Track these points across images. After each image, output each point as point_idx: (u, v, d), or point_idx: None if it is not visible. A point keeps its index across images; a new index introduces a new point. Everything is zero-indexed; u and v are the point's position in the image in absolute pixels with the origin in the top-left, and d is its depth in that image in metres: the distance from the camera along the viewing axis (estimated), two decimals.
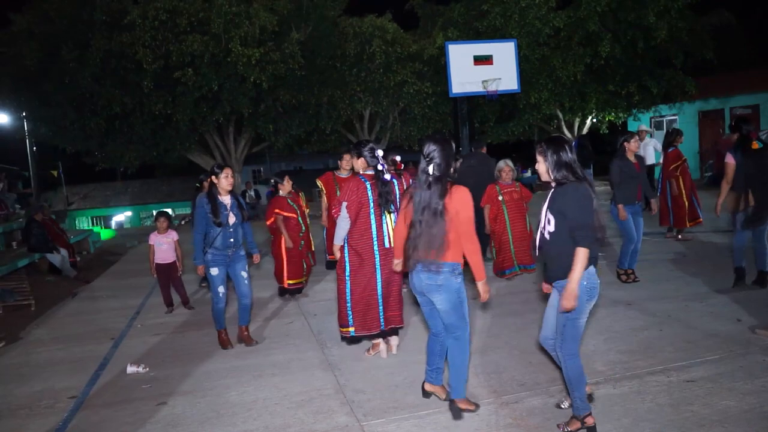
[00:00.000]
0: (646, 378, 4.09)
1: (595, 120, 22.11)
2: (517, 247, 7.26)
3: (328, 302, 6.87)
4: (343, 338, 5.06)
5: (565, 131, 22.36)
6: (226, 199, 5.33)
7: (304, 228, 7.11)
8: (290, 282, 7.10)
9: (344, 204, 4.67)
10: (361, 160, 4.83)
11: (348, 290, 4.85)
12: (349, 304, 4.86)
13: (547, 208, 3.35)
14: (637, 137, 6.55)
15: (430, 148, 3.50)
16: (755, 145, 5.76)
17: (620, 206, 6.46)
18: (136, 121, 16.66)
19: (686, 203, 8.78)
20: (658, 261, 7.68)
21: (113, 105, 15.92)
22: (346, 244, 4.81)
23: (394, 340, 5.04)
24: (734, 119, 7.01)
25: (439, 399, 3.94)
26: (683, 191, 8.76)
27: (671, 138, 8.91)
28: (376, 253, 4.77)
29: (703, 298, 5.96)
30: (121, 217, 36.03)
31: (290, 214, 6.95)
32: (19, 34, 15.90)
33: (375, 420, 3.76)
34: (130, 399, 4.44)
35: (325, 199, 7.76)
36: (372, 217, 4.73)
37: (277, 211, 6.90)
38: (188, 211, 20.64)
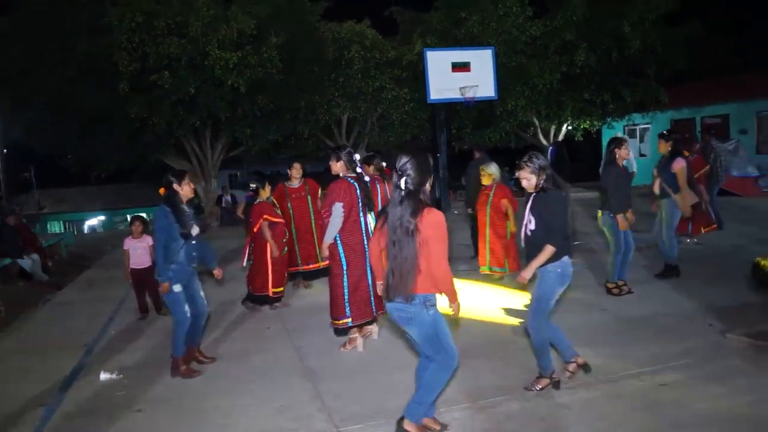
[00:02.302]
0: (620, 382, 4.16)
1: (570, 127, 22.37)
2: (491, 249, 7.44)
3: (303, 309, 6.84)
4: (337, 330, 5.31)
5: (541, 138, 22.58)
6: (186, 209, 4.91)
7: (287, 234, 7.07)
8: (275, 291, 6.89)
9: (339, 204, 4.97)
10: (341, 163, 5.17)
11: (345, 283, 5.13)
12: (346, 297, 5.14)
13: (529, 209, 4.00)
14: (627, 144, 6.59)
15: (404, 162, 3.25)
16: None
17: (620, 216, 6.24)
18: (113, 125, 16.43)
19: (704, 210, 8.91)
20: (634, 267, 7.78)
21: (90, 108, 15.69)
22: (339, 242, 5.06)
23: (374, 327, 5.40)
24: (667, 131, 7.36)
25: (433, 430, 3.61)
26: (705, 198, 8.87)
27: (688, 146, 9.03)
28: (365, 246, 5.07)
29: (677, 303, 6.07)
30: (95, 221, 35.46)
31: (278, 220, 6.85)
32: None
33: (352, 426, 3.77)
34: (104, 407, 4.38)
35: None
36: (360, 214, 5.13)
37: (266, 216, 6.72)
38: None
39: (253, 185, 6.91)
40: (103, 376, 4.97)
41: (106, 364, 5.29)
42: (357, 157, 5.39)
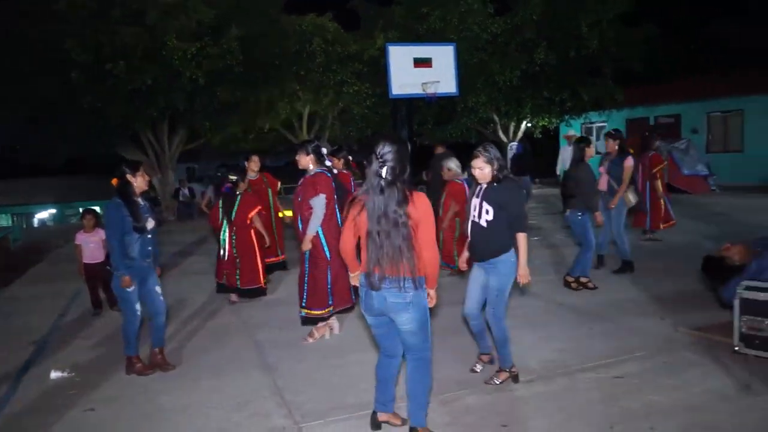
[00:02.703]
0: (577, 375, 4.23)
1: (529, 125, 22.70)
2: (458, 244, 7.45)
3: (261, 303, 6.74)
4: (311, 320, 5.36)
5: (501, 135, 22.86)
6: (141, 201, 4.69)
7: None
8: (265, 281, 6.88)
9: (323, 196, 5.12)
10: (311, 157, 5.26)
11: (329, 273, 5.25)
12: (329, 286, 5.28)
13: (483, 200, 4.01)
14: (593, 143, 6.78)
15: (384, 149, 3.08)
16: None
17: (598, 213, 6.37)
18: (65, 116, 15.90)
19: (663, 206, 9.17)
20: None
21: (40, 98, 15.14)
22: (321, 233, 5.19)
23: (335, 322, 5.51)
24: (614, 130, 7.66)
25: (394, 426, 3.55)
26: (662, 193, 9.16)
27: (647, 142, 9.31)
28: None
29: (631, 297, 6.22)
30: (45, 214, 34.33)
31: (265, 212, 6.80)
32: None
33: (313, 422, 3.73)
34: (55, 406, 4.22)
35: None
36: (336, 207, 5.28)
37: (259, 207, 6.69)
38: None
39: (233, 177, 6.74)
40: (54, 374, 4.81)
41: (57, 361, 5.11)
42: (325, 150, 5.48)
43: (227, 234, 6.68)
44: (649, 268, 7.47)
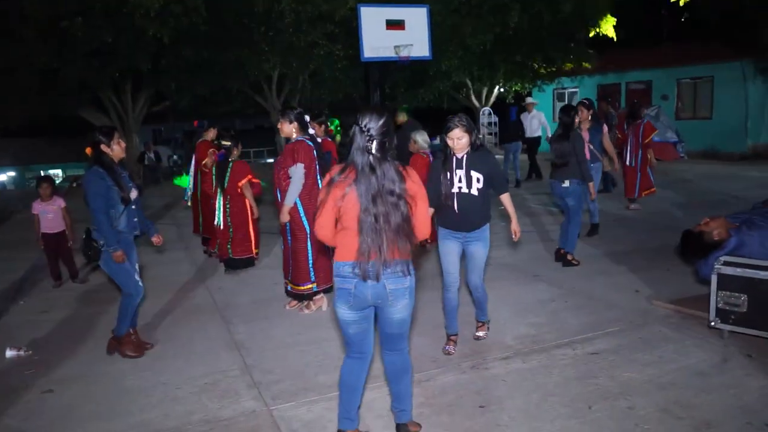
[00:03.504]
0: (553, 351, 4.17)
1: (502, 90, 22.54)
2: None
3: (231, 280, 6.56)
4: (299, 296, 5.25)
5: (474, 100, 22.69)
6: (121, 170, 4.39)
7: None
8: (257, 251, 6.71)
9: (301, 165, 4.91)
10: (294, 124, 5.05)
11: (309, 247, 5.08)
12: (311, 261, 5.11)
13: (470, 169, 3.99)
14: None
15: (370, 122, 2.75)
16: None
17: (591, 184, 6.26)
18: (19, 76, 15.14)
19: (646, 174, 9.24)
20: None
21: None
22: (299, 205, 5.01)
23: (324, 299, 5.34)
24: (587, 99, 7.59)
25: None
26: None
27: (636, 110, 9.29)
28: None
29: (606, 269, 6.19)
30: (3, 177, 33.19)
31: (256, 180, 6.54)
32: None
33: (284, 404, 3.60)
34: (10, 387, 4.01)
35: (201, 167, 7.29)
36: (318, 177, 5.06)
37: (251, 177, 6.44)
38: (82, 172, 19.25)
39: (226, 142, 6.45)
40: (9, 353, 4.56)
41: (14, 339, 4.86)
42: (308, 118, 5.27)
43: (221, 202, 6.48)
44: (622, 238, 7.48)
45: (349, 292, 2.80)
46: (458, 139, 3.97)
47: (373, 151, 2.74)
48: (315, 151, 5.07)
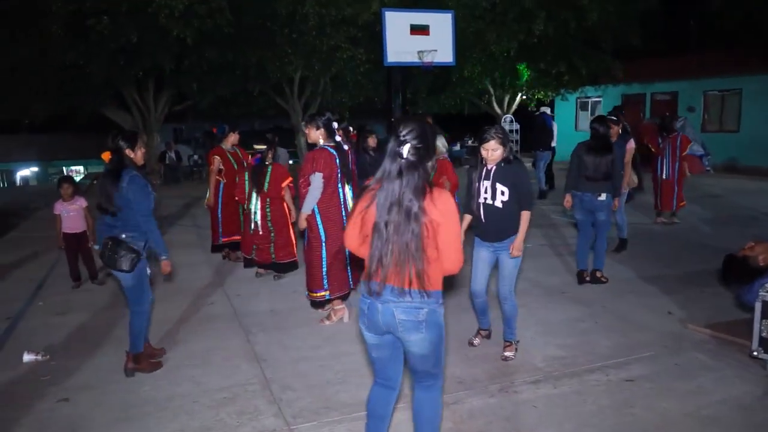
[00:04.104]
0: (585, 376, 4.00)
1: (525, 97, 22.31)
2: None
3: (252, 281, 6.47)
4: (314, 303, 5.23)
5: (495, 107, 22.47)
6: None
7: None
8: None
9: (319, 174, 4.83)
10: (321, 131, 4.99)
11: (324, 255, 5.00)
12: (324, 269, 5.03)
13: (496, 181, 4.05)
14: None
15: (408, 129, 2.56)
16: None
17: (617, 199, 6.19)
18: (43, 71, 15.24)
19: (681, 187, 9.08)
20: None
21: (17, 52, 14.45)
22: (317, 212, 4.93)
23: (346, 311, 5.24)
24: (614, 115, 7.26)
25: None
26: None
27: (668, 124, 9.11)
28: (344, 217, 4.98)
29: (635, 288, 5.99)
30: (27, 172, 33.54)
31: (292, 185, 6.43)
32: None
33: (305, 423, 3.46)
34: (25, 395, 3.92)
35: (216, 176, 7.13)
36: (339, 185, 5.00)
37: (290, 179, 6.33)
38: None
39: (260, 147, 6.38)
40: (27, 357, 4.48)
41: (31, 342, 4.79)
42: (336, 125, 5.20)
43: (259, 206, 6.36)
44: (650, 254, 7.27)
45: (363, 312, 2.67)
46: (492, 151, 4.02)
47: (405, 154, 2.52)
48: (338, 159, 4.97)
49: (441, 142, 7.31)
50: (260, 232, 6.40)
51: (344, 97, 20.21)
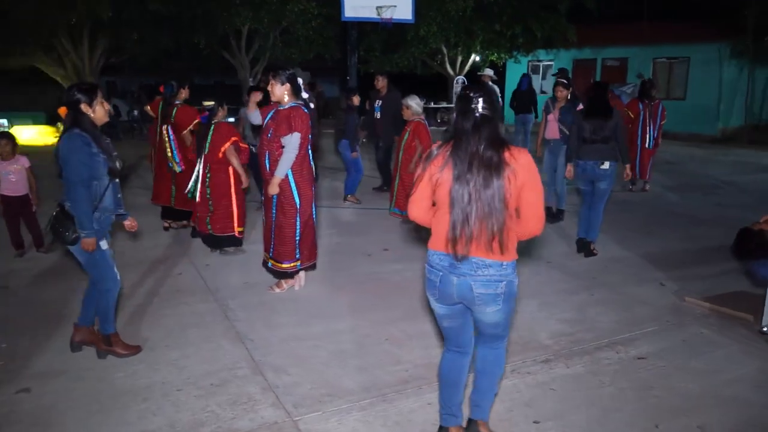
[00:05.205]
0: (595, 354, 3.82)
1: (477, 58, 22.04)
2: None
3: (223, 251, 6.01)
4: (282, 273, 4.82)
5: (448, 67, 22.14)
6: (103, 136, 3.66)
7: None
8: (240, 230, 5.91)
9: (297, 135, 4.45)
10: (286, 87, 4.50)
11: (297, 222, 4.67)
12: (297, 238, 4.71)
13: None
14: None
15: (475, 88, 2.51)
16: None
17: (628, 166, 6.03)
18: None
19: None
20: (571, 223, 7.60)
21: None
22: (291, 177, 4.55)
23: (302, 274, 5.00)
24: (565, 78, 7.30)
25: None
26: None
27: (648, 90, 9.01)
28: (313, 183, 4.76)
29: (621, 258, 5.88)
30: None
31: (243, 145, 5.82)
32: None
33: (310, 413, 3.13)
34: None
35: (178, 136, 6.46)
36: (309, 148, 4.65)
37: (234, 139, 5.65)
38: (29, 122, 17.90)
39: (209, 103, 5.70)
40: None
41: None
42: (301, 81, 4.69)
43: (201, 171, 5.77)
44: (629, 224, 7.22)
45: (434, 285, 2.58)
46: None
47: (480, 108, 2.43)
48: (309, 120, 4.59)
49: (415, 102, 7.00)
50: (197, 200, 5.83)
51: (294, 52, 19.38)
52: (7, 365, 3.65)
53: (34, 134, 16.67)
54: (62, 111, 3.62)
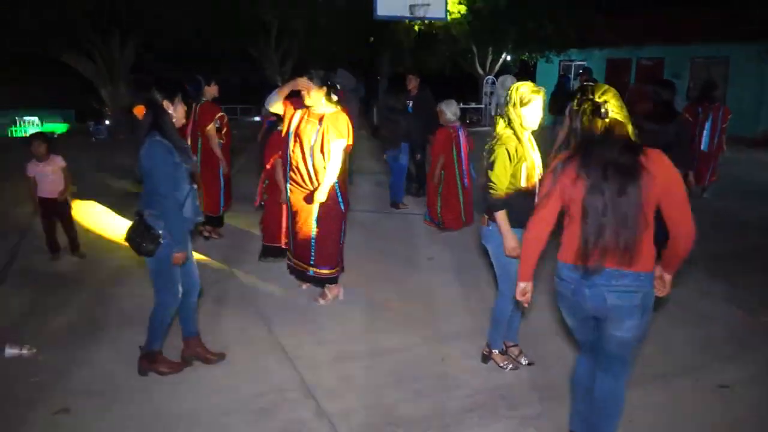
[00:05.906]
0: (674, 382, 3.50)
1: (508, 58, 21.65)
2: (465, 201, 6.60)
3: (252, 254, 5.72)
4: (327, 280, 4.61)
5: (478, 68, 21.75)
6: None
7: None
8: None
9: (343, 141, 4.30)
10: (323, 90, 4.28)
11: (343, 229, 4.64)
12: (342, 242, 4.68)
13: None
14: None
15: (602, 89, 2.41)
16: None
17: (692, 172, 5.97)
18: None
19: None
20: None
21: None
22: (336, 183, 4.40)
23: (341, 288, 4.79)
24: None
25: None
26: None
27: (709, 91, 8.49)
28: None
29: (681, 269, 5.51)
30: None
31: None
32: None
33: None
34: (11, 402, 3.22)
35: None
36: None
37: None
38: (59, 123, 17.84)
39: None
40: (9, 351, 3.74)
41: (10, 332, 4.03)
42: (343, 81, 4.51)
43: (262, 176, 5.52)
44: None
45: (566, 298, 2.50)
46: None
47: (609, 112, 2.31)
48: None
49: (450, 110, 6.51)
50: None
51: (319, 49, 19.05)
52: (43, 381, 3.45)
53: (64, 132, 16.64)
54: (139, 110, 3.41)
